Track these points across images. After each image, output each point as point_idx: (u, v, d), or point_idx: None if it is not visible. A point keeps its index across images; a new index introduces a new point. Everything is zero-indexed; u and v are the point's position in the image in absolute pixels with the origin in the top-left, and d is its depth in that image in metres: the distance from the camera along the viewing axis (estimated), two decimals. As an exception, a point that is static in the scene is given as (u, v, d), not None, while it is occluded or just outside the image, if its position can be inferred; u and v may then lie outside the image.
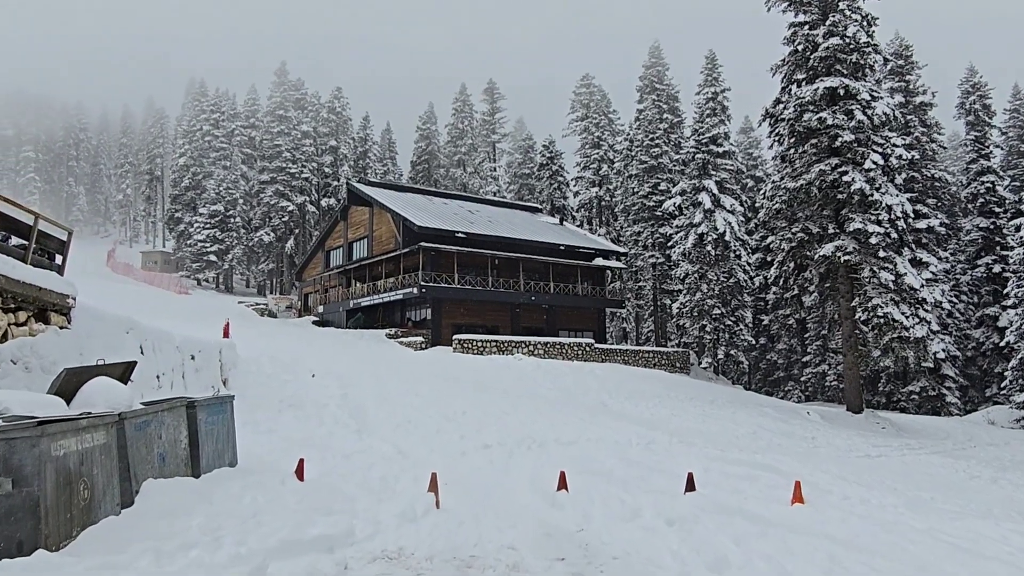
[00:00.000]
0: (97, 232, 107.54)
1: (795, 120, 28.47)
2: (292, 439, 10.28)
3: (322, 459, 8.80)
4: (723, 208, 42.66)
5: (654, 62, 57.59)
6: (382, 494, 6.75)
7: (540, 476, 8.32)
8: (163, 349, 9.46)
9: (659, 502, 6.81)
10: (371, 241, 44.97)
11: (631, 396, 26.85)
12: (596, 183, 59.29)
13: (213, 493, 5.50)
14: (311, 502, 5.78)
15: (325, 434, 12.04)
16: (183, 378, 10.59)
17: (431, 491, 6.43)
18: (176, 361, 10.21)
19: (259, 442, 9.34)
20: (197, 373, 11.54)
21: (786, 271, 30.78)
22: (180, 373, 10.43)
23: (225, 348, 15.24)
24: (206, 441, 6.26)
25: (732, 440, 20.22)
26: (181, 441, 5.86)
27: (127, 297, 49.35)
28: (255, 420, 12.77)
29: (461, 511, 6.22)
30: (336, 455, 9.43)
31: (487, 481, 8.22)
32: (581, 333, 43.01)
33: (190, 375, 10.94)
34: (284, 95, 66.06)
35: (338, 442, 11.11)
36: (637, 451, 12.78)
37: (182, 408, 5.92)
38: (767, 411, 27.52)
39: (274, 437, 10.12)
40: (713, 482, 8.34)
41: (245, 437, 9.74)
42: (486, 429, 15.50)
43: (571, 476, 7.61)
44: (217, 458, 6.58)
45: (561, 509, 6.46)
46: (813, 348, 50.23)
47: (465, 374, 27.37)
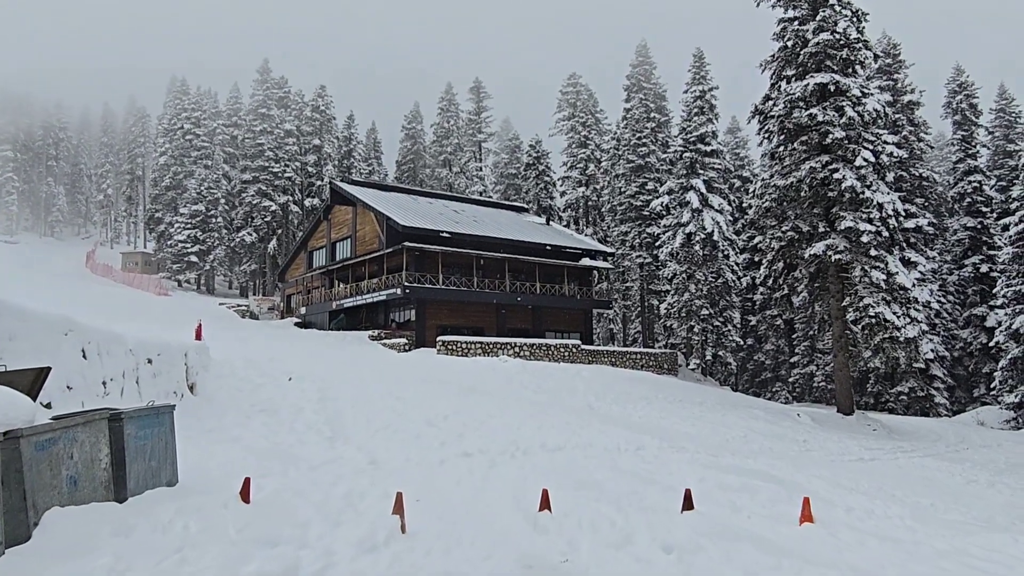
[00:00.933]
0: (78, 233, 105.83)
1: (785, 116, 27.98)
2: (255, 449, 9.54)
3: (283, 473, 8.06)
4: (711, 207, 42.19)
5: (641, 61, 57.14)
6: (343, 516, 6.02)
7: (523, 491, 7.63)
8: (112, 352, 8.69)
9: (654, 524, 6.13)
10: (354, 241, 44.14)
11: (619, 398, 26.23)
12: (583, 183, 58.75)
13: (135, 522, 4.75)
14: (255, 530, 5.05)
15: (294, 442, 11.29)
16: (137, 384, 9.81)
17: (396, 513, 5.71)
18: (129, 365, 9.43)
19: (215, 454, 8.60)
20: (156, 378, 10.75)
21: (775, 271, 30.29)
22: (134, 379, 9.64)
23: (192, 351, 14.42)
24: (135, 459, 5.48)
25: (723, 444, 19.63)
26: (100, 460, 5.09)
27: (103, 299, 48.27)
28: (221, 427, 12.01)
29: (430, 537, 5.51)
30: (301, 467, 8.70)
31: (464, 497, 7.52)
32: (567, 334, 42.41)
33: (146, 380, 10.15)
34: (267, 93, 65.03)
35: (307, 451, 10.37)
36: (627, 458, 12.13)
37: (102, 422, 5.15)
38: (757, 413, 26.98)
39: (235, 447, 9.38)
40: (711, 496, 7.68)
41: (202, 448, 9.00)
42: (468, 435, 14.80)
43: (557, 491, 6.94)
44: (151, 478, 5.81)
45: (544, 534, 5.75)
46: (801, 349, 49.92)
47: (449, 376, 26.64)
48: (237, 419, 13.60)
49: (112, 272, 64.65)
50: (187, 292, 62.52)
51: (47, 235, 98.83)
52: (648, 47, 57.68)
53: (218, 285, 72.54)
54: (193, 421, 11.84)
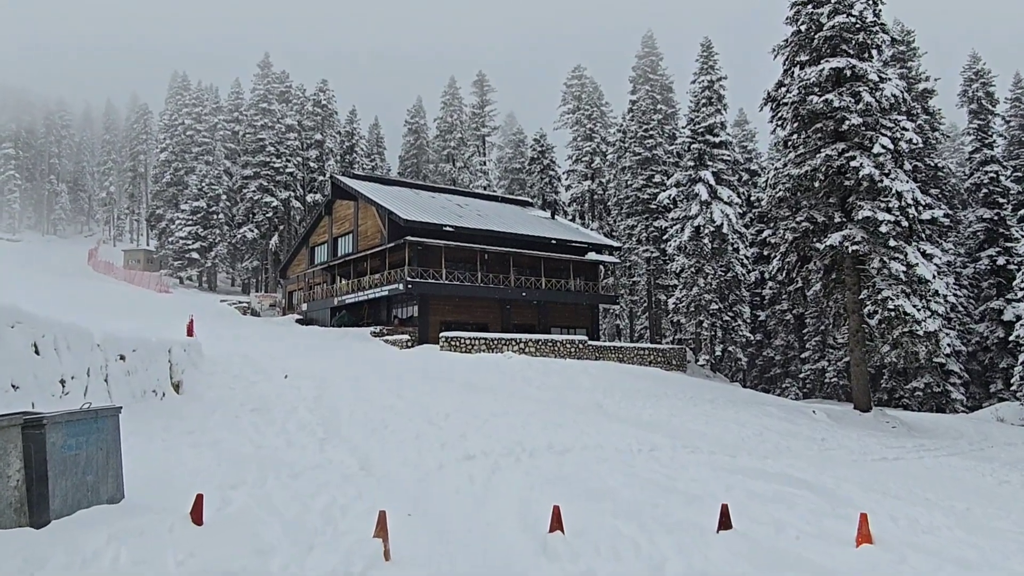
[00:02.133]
0: (81, 231, 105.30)
1: (799, 103, 26.98)
2: (235, 454, 8.70)
3: (260, 482, 7.21)
4: (720, 200, 41.19)
5: (647, 52, 56.10)
6: (317, 538, 5.15)
7: (529, 502, 6.76)
8: (74, 348, 7.86)
9: (687, 547, 5.25)
10: (356, 236, 43.31)
11: (627, 396, 25.33)
12: (588, 176, 57.74)
13: (49, 554, 3.89)
14: (202, 560, 4.19)
15: (282, 445, 10.44)
16: (106, 383, 8.96)
17: (379, 536, 4.83)
18: (96, 362, 8.59)
19: (186, 460, 7.76)
20: (129, 376, 9.91)
21: (789, 263, 29.31)
22: (101, 376, 8.80)
23: (178, 347, 13.59)
24: (63, 473, 4.59)
25: (739, 443, 18.73)
26: (10, 477, 4.22)
27: (101, 296, 47.56)
28: (203, 428, 11.16)
29: (418, 565, 4.64)
30: (282, 474, 7.85)
31: (463, 510, 6.66)
32: (574, 330, 41.52)
33: (117, 379, 9.31)
34: (268, 87, 64.19)
35: (294, 455, 9.52)
36: (641, 461, 11.24)
37: (13, 429, 4.27)
38: (771, 410, 26.03)
39: (212, 452, 8.55)
40: (745, 509, 6.77)
41: (173, 453, 8.15)
42: (471, 435, 13.96)
43: (568, 503, 6.06)
44: (85, 495, 4.93)
45: (556, 560, 4.86)
46: (812, 344, 48.87)
47: (452, 373, 25.80)
48: (224, 419, 12.77)
49: (113, 270, 64.03)
50: (189, 289, 61.82)
51: (50, 233, 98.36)
52: (654, 38, 56.68)
53: (221, 282, 71.85)
54: (174, 422, 11.02)
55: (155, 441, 8.97)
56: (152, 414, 10.57)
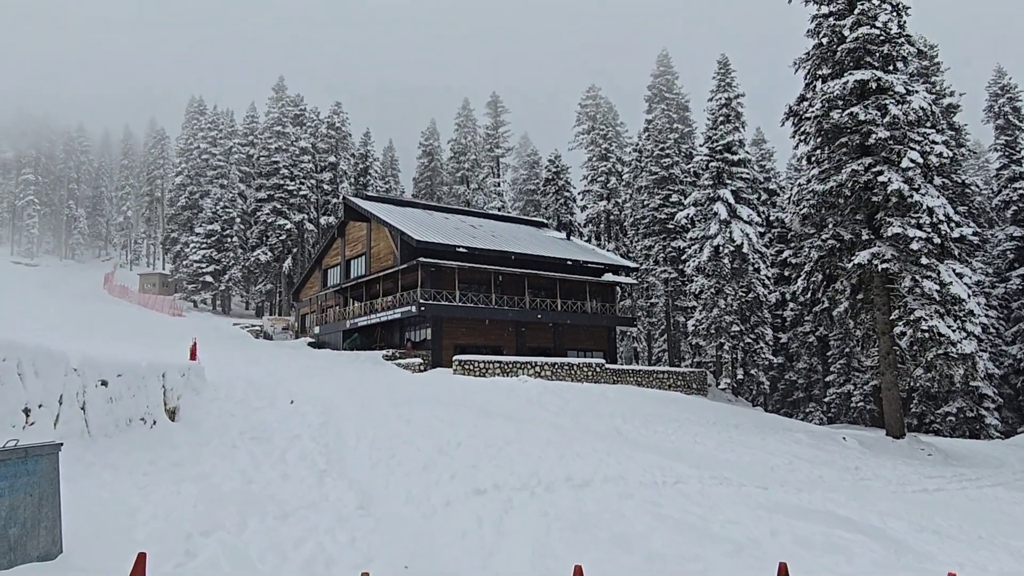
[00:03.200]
0: (98, 255, 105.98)
1: (822, 117, 26.10)
2: (219, 491, 7.87)
3: (239, 527, 6.38)
4: (740, 219, 40.23)
5: (663, 71, 55.59)
6: (287, 606, 4.33)
7: (545, 553, 5.88)
8: (44, 373, 7.11)
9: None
10: (369, 258, 42.74)
11: (648, 421, 24.27)
12: (604, 196, 57.02)
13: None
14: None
15: (276, 478, 9.59)
16: (83, 411, 8.19)
17: (362, 605, 4.00)
18: (71, 388, 7.83)
19: (160, 500, 6.94)
20: (112, 403, 9.13)
21: (814, 283, 28.22)
22: (77, 404, 8.03)
23: (173, 371, 12.84)
24: (-30, 528, 3.83)
25: (768, 473, 17.63)
26: None
27: (111, 320, 47.24)
28: (193, 459, 10.34)
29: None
30: (268, 516, 7.02)
31: (469, 560, 5.79)
32: (590, 353, 40.49)
33: (97, 406, 8.54)
34: (282, 111, 64.29)
35: (286, 491, 8.68)
36: (668, 496, 10.27)
37: None
38: (799, 437, 24.86)
39: (195, 489, 7.74)
40: (796, 560, 5.81)
41: (147, 490, 7.32)
42: (483, 465, 13.05)
43: (591, 556, 5.18)
44: (6, 552, 4.13)
45: (579, 642, 4.03)
46: (837, 367, 47.42)
47: (465, 398, 24.88)
48: (219, 449, 11.95)
49: (128, 294, 63.99)
50: (203, 313, 61.51)
51: (68, 257, 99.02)
52: (670, 56, 56.20)
53: (235, 306, 71.61)
54: (163, 453, 10.23)
55: (134, 476, 8.16)
56: (138, 444, 9.78)
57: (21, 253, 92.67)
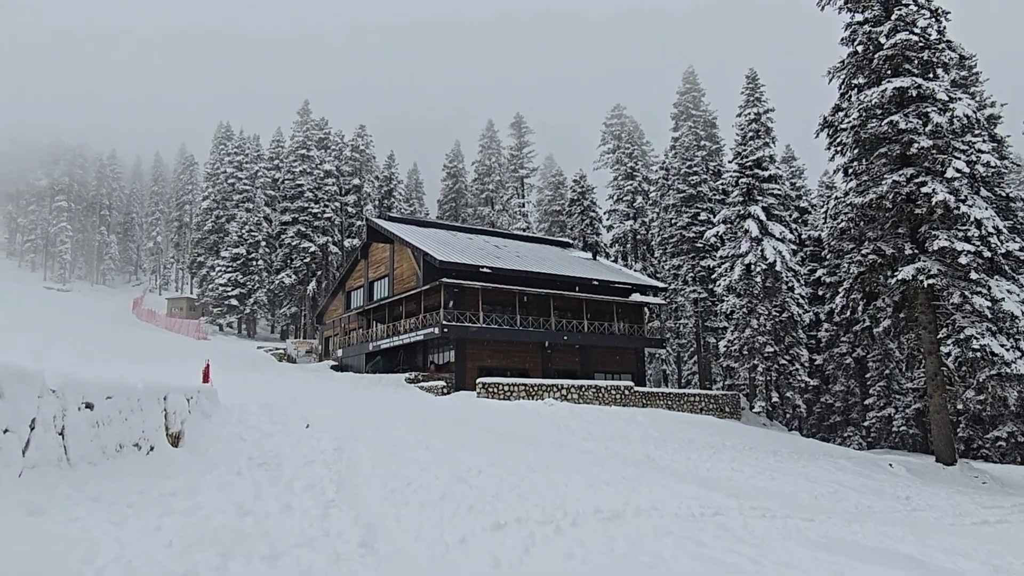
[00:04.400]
0: (128, 280, 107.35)
1: (859, 127, 25.00)
2: (209, 526, 7.04)
3: (216, 572, 5.53)
4: (772, 236, 38.98)
5: (689, 88, 54.78)
6: None
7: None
8: (11, 394, 6.38)
9: None
10: (392, 280, 42.20)
11: (681, 447, 23.10)
12: (631, 216, 56.05)
13: None
14: None
15: (275, 511, 8.73)
16: (61, 436, 7.43)
17: None
18: (47, 411, 7.08)
19: (130, 538, 6.11)
20: (99, 428, 8.37)
21: (853, 300, 26.89)
22: (54, 429, 7.27)
23: (176, 393, 12.12)
24: None
25: (813, 503, 16.39)
26: None
27: (134, 343, 47.22)
28: (189, 489, 9.53)
29: None
30: (255, 556, 6.17)
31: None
32: (618, 375, 39.32)
33: (79, 431, 7.78)
34: (307, 134, 64.58)
35: (285, 525, 7.81)
36: (709, 531, 9.22)
37: None
38: (842, 463, 23.45)
39: (179, 524, 6.91)
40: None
41: (121, 528, 6.50)
42: (505, 494, 12.10)
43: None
44: None
45: None
46: (876, 389, 45.55)
47: (489, 422, 23.95)
48: (221, 477, 11.15)
49: (155, 317, 64.31)
50: (228, 336, 61.47)
51: (99, 283, 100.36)
52: (696, 74, 55.39)
53: (261, 329, 71.61)
54: (156, 482, 9.44)
55: (115, 508, 7.36)
56: (127, 473, 9.00)
57: (54, 278, 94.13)
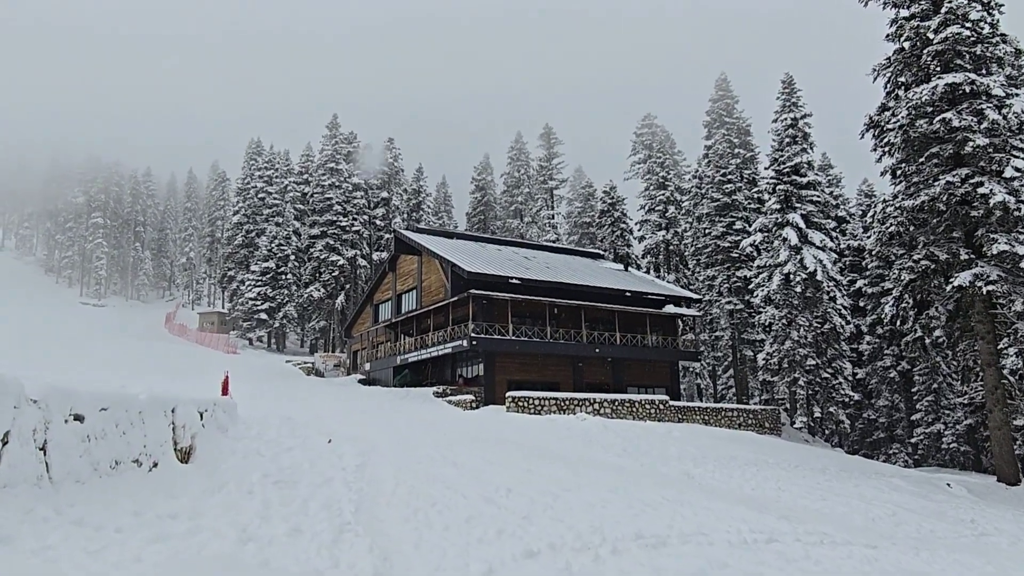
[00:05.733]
0: (163, 296, 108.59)
1: (908, 126, 23.68)
2: (197, 555, 6.21)
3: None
4: (812, 244, 37.50)
5: (721, 95, 53.54)
6: None
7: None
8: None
9: None
10: (420, 292, 41.53)
11: (721, 464, 21.84)
12: (663, 226, 54.78)
13: None
14: None
15: (282, 535, 7.88)
16: (42, 451, 6.67)
17: None
18: (25, 423, 6.33)
19: (104, 571, 5.29)
20: (90, 442, 7.61)
21: (903, 309, 25.42)
22: (34, 443, 6.51)
23: (185, 406, 11.39)
24: None
25: (870, 527, 15.09)
26: None
27: (162, 357, 47.16)
28: (193, 511, 8.73)
29: None
30: (246, 596, 5.33)
31: None
32: (652, 390, 38.04)
33: (65, 446, 7.02)
34: (335, 147, 64.60)
35: (289, 553, 6.95)
36: (772, 565, 8.15)
37: None
38: (896, 483, 21.96)
39: (164, 552, 6.10)
40: None
41: (97, 558, 5.68)
42: (536, 516, 11.13)
43: None
44: None
45: None
46: (924, 404, 43.52)
47: (518, 437, 22.96)
48: (230, 496, 10.36)
49: (186, 332, 64.62)
50: (257, 350, 61.39)
51: (133, 298, 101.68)
52: (728, 80, 54.13)
53: (291, 343, 71.54)
54: (156, 502, 8.66)
55: (101, 534, 6.56)
56: (124, 493, 8.22)
57: (90, 294, 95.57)
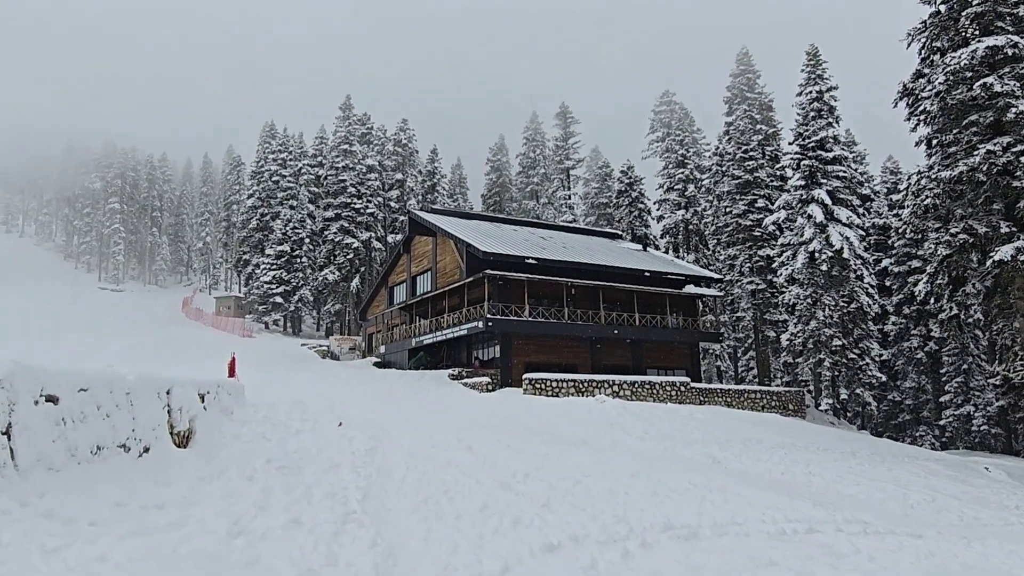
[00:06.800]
0: (180, 281, 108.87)
1: (946, 92, 22.44)
2: (174, 553, 5.51)
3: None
4: (838, 221, 36.26)
5: (743, 70, 52.06)
6: None
7: None
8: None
9: None
10: (434, 274, 40.81)
11: (747, 447, 21.03)
12: (682, 205, 53.57)
13: None
14: None
15: (278, 527, 7.18)
16: (5, 435, 5.99)
17: None
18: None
19: (57, 571, 4.61)
20: (67, 426, 6.94)
21: (939, 286, 24.29)
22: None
23: (182, 387, 10.72)
24: None
25: (909, 513, 14.25)
26: None
27: (176, 341, 46.95)
28: (184, 499, 8.06)
29: None
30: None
31: None
32: (671, 371, 37.16)
33: (35, 430, 6.35)
34: (349, 129, 63.79)
35: (282, 549, 6.24)
36: (820, 560, 7.34)
37: None
38: (932, 467, 21.05)
39: (136, 548, 5.42)
40: None
41: (54, 557, 4.98)
42: (556, 504, 10.40)
43: None
44: None
45: None
46: (953, 386, 42.28)
47: (536, 421, 22.27)
48: (230, 483, 9.71)
49: (202, 316, 64.50)
50: (273, 333, 61.11)
51: (151, 283, 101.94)
52: (750, 55, 52.63)
53: (307, 327, 71.26)
54: (146, 490, 8.00)
55: (68, 529, 5.87)
56: (107, 481, 7.55)
57: (108, 279, 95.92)
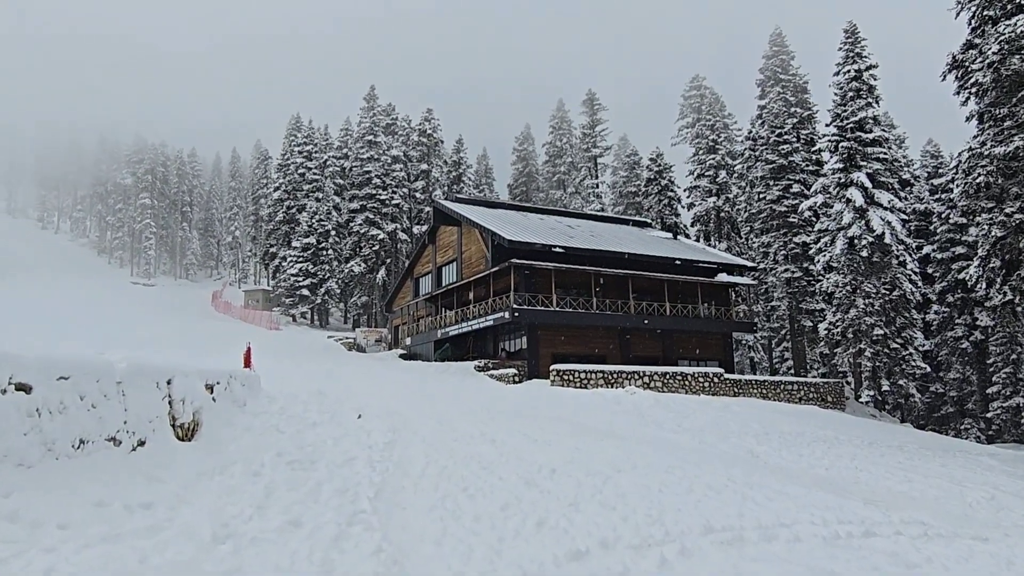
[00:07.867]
0: (210, 275, 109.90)
1: (1000, 63, 21.01)
2: (143, 564, 4.82)
3: None
4: (879, 205, 34.73)
5: (776, 51, 50.36)
6: None
7: None
8: None
9: None
10: (460, 264, 40.12)
11: (787, 441, 19.97)
12: (713, 192, 52.16)
13: None
14: None
15: (273, 530, 6.45)
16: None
17: None
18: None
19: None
20: (41, 418, 6.28)
21: (991, 271, 22.89)
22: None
23: (184, 377, 10.08)
24: None
25: (968, 512, 13.13)
26: None
27: (208, 333, 46.91)
28: (176, 498, 7.39)
29: None
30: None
31: None
32: (704, 362, 36.05)
33: (3, 422, 5.70)
34: (374, 120, 63.32)
35: (272, 559, 5.52)
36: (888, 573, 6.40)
37: None
38: (987, 462, 19.79)
39: (99, 559, 4.73)
40: None
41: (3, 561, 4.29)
42: (584, 503, 9.58)
43: None
44: None
45: None
46: (1001, 377, 40.44)
47: (563, 413, 21.43)
48: (233, 479, 9.05)
49: (231, 309, 64.81)
50: (300, 326, 61.09)
51: (182, 277, 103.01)
52: (784, 35, 50.87)
53: (334, 319, 71.22)
54: (135, 488, 7.34)
55: (32, 533, 5.20)
56: (90, 479, 6.90)
57: (140, 274, 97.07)
